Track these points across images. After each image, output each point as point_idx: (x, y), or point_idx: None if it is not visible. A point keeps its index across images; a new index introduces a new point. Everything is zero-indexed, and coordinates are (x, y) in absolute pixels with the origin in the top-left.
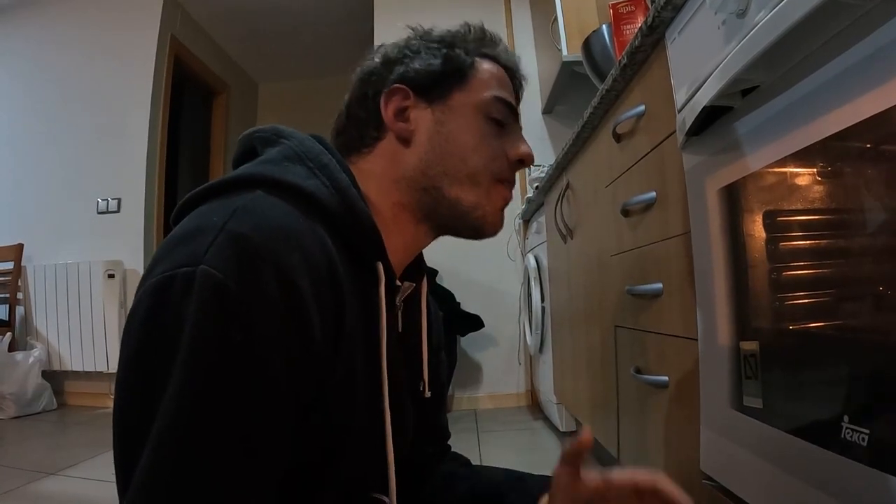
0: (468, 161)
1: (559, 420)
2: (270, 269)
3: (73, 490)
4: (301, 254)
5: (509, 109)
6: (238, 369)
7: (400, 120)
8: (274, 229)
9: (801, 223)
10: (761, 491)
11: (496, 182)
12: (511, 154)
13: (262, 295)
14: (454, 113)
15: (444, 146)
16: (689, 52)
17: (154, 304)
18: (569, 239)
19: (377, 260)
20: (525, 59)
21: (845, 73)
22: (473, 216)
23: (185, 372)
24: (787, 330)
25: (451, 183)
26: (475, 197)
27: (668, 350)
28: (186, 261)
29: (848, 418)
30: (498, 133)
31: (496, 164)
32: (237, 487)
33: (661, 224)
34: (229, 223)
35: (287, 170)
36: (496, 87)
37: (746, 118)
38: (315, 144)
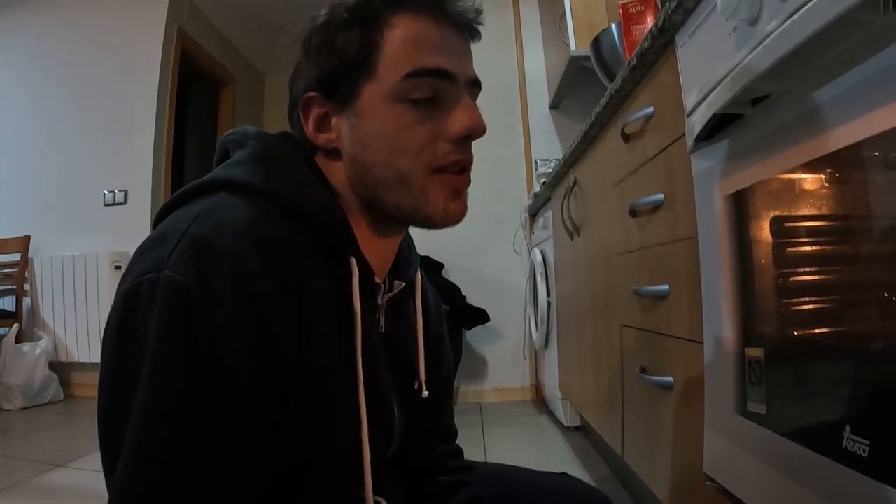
0: (391, 165)
1: (563, 415)
2: (229, 269)
3: (80, 481)
4: (261, 252)
5: (437, 77)
6: (204, 369)
7: (322, 132)
8: (234, 230)
9: (808, 229)
10: (763, 495)
11: (432, 174)
12: (450, 133)
13: (221, 295)
14: (367, 114)
15: (365, 155)
16: (700, 56)
17: (124, 310)
18: (575, 236)
19: (349, 254)
20: (532, 53)
21: (858, 86)
22: (420, 218)
23: (152, 375)
24: (792, 336)
25: (384, 191)
26: (411, 199)
27: (673, 352)
28: (151, 267)
29: (850, 428)
30: (427, 115)
31: (426, 156)
32: (212, 486)
33: (669, 226)
34: (191, 228)
35: (250, 171)
36: (413, 55)
37: (756, 126)
38: (280, 143)
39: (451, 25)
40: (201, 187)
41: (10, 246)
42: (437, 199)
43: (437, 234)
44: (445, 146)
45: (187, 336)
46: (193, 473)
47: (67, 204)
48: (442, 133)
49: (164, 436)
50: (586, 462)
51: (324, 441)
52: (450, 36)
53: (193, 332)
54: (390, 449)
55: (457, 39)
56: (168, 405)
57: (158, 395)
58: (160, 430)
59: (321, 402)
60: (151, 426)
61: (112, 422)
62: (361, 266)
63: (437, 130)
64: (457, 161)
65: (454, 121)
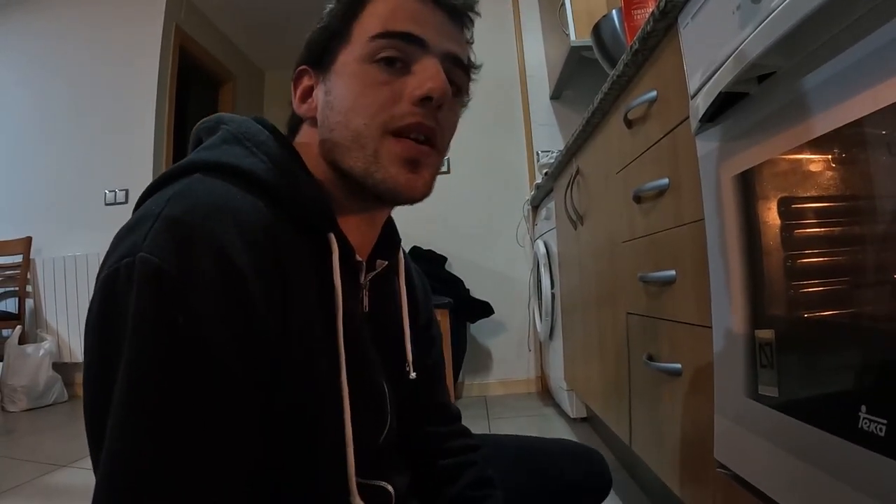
0: (349, 124)
1: (569, 406)
2: (205, 248)
3: (86, 481)
4: (237, 230)
5: (403, 40)
6: (184, 354)
7: (304, 102)
8: (208, 208)
9: (817, 210)
10: (776, 479)
11: (387, 136)
12: (409, 94)
13: (199, 274)
14: (338, 76)
15: (330, 116)
16: (703, 37)
17: (103, 297)
18: (579, 225)
19: (328, 231)
20: (532, 43)
21: (865, 59)
22: (369, 183)
23: (130, 363)
24: (803, 318)
25: (342, 154)
26: (363, 162)
27: (681, 338)
28: (127, 251)
29: (865, 408)
30: (391, 76)
31: (383, 115)
32: (197, 478)
33: (675, 211)
34: (164, 210)
35: (224, 152)
36: (384, 21)
37: (762, 104)
38: (254, 125)
39: (432, 4)
40: (176, 171)
41: (12, 247)
42: (390, 165)
43: (440, 226)
44: (405, 107)
45: (166, 320)
46: (177, 465)
47: (68, 204)
48: (403, 94)
49: (145, 426)
50: None
51: (311, 424)
52: (430, 13)
53: (172, 315)
54: (383, 432)
55: (438, 17)
56: (148, 393)
57: (137, 383)
58: (140, 420)
59: (305, 385)
60: (131, 416)
61: (95, 415)
62: (341, 243)
63: (400, 92)
64: (415, 124)
65: (415, 81)
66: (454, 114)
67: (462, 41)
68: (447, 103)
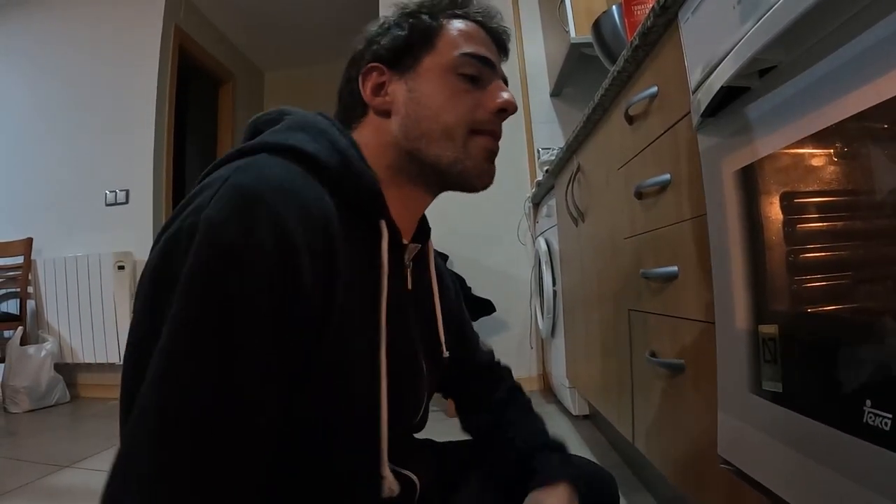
0: (440, 119)
1: (572, 404)
2: (264, 217)
3: (88, 482)
4: (296, 205)
5: (482, 63)
6: (230, 307)
7: (378, 96)
8: (272, 182)
9: (819, 205)
10: (780, 474)
11: (473, 134)
12: (489, 105)
13: (255, 240)
14: (424, 77)
15: (417, 110)
16: (704, 32)
17: (164, 252)
18: (580, 222)
19: (380, 217)
20: (532, 41)
21: (866, 52)
22: (455, 171)
23: (181, 305)
24: (806, 313)
25: (428, 143)
26: (452, 152)
27: (683, 334)
28: (192, 212)
29: (870, 402)
30: (472, 88)
31: (470, 117)
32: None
33: (676, 206)
34: (231, 177)
35: (289, 136)
36: (465, 43)
37: (763, 99)
38: (316, 116)
39: (490, 35)
40: (245, 150)
41: (13, 248)
42: (477, 156)
43: (441, 224)
44: (485, 114)
45: (219, 276)
46: (211, 405)
47: (69, 205)
48: (482, 104)
49: (187, 370)
50: (596, 450)
51: (347, 395)
52: (490, 43)
53: (225, 273)
54: (419, 412)
55: (494, 48)
56: (190, 342)
57: (183, 330)
58: (181, 365)
59: (344, 359)
60: (173, 362)
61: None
62: (391, 229)
63: (479, 101)
64: (492, 129)
65: (494, 96)
66: None
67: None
68: None
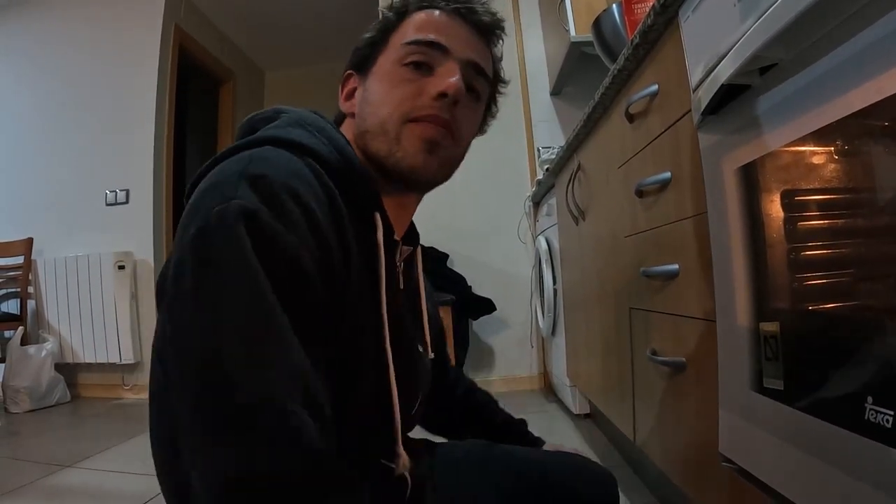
0: (378, 113)
1: (573, 403)
2: (290, 198)
3: (89, 482)
4: (311, 190)
5: (429, 46)
6: (284, 269)
7: (347, 101)
8: (287, 170)
9: (820, 202)
10: (782, 472)
11: (407, 122)
12: (429, 90)
13: (288, 215)
14: (375, 76)
15: (363, 108)
16: (704, 30)
17: (197, 247)
18: (581, 221)
19: (375, 210)
20: (532, 40)
21: (867, 49)
22: (390, 164)
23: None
24: (808, 310)
25: (370, 139)
26: (385, 145)
27: (684, 332)
28: (217, 204)
29: (872, 399)
30: (417, 76)
31: (406, 106)
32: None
33: (677, 204)
34: (248, 169)
35: (289, 132)
36: (413, 32)
37: (764, 96)
38: (313, 115)
39: (461, 20)
40: (248, 143)
41: (13, 248)
42: (409, 145)
43: (441, 223)
44: (425, 101)
45: (263, 248)
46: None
47: (69, 205)
48: (424, 91)
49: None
50: (597, 449)
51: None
52: (457, 26)
53: (268, 246)
54: (416, 402)
55: (464, 30)
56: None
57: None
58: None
59: (357, 337)
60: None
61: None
62: (385, 223)
63: (422, 89)
64: (432, 115)
65: (434, 81)
66: (472, 112)
67: (486, 54)
68: (462, 101)
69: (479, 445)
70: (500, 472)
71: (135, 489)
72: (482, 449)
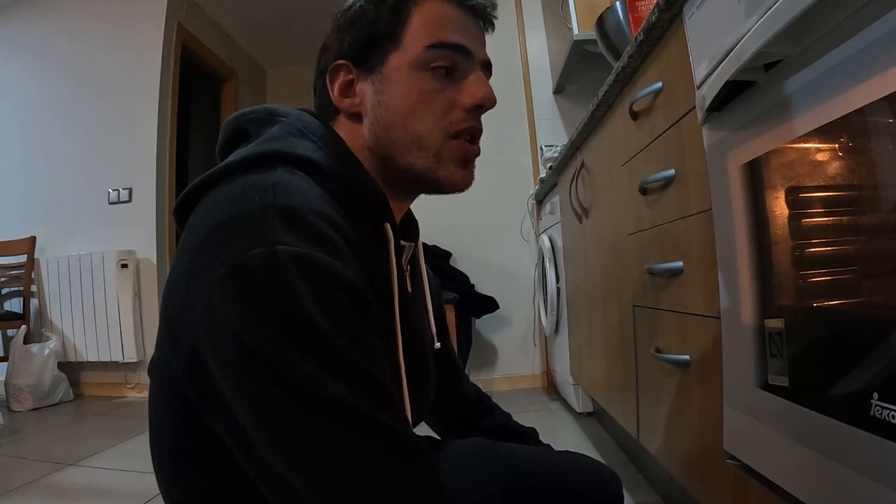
0: (410, 128)
1: (576, 401)
2: (329, 229)
3: (92, 480)
4: (335, 212)
5: (455, 51)
6: (353, 314)
7: (346, 97)
8: (312, 195)
9: (825, 199)
10: (787, 469)
11: (449, 139)
12: (464, 103)
13: (338, 251)
14: (391, 79)
15: (386, 116)
16: (708, 26)
17: (240, 289)
18: (584, 219)
19: (384, 221)
20: (534, 38)
21: (872, 45)
22: (428, 179)
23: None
24: (812, 307)
25: (399, 152)
26: (425, 161)
27: (688, 329)
28: (256, 243)
29: (878, 395)
30: (444, 84)
31: (444, 121)
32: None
33: (681, 202)
34: (278, 201)
35: (295, 145)
36: (435, 31)
37: (769, 93)
38: (311, 119)
39: (469, 12)
40: (252, 161)
41: (16, 247)
42: (451, 164)
43: (444, 221)
44: (460, 114)
45: (332, 295)
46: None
47: (72, 204)
48: (457, 102)
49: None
50: (600, 447)
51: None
52: (468, 21)
53: (335, 291)
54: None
55: (473, 26)
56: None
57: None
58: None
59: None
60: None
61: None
62: (395, 232)
63: (454, 99)
64: (469, 128)
65: (468, 92)
66: None
67: (485, 44)
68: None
69: (483, 444)
70: (503, 470)
71: (138, 487)
72: (486, 447)
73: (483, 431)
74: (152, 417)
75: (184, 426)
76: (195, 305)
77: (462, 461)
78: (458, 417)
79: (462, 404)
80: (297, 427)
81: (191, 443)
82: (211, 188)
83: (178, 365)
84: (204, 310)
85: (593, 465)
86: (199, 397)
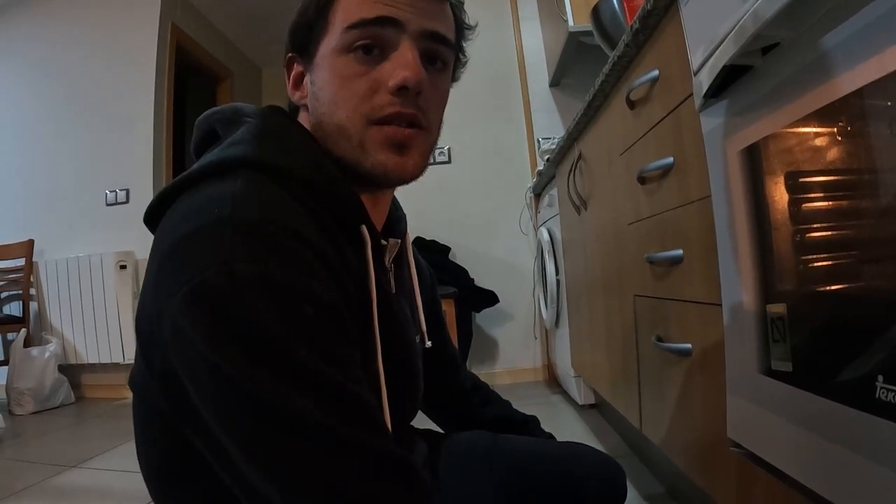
0: (334, 117)
1: (577, 393)
2: (293, 240)
3: (94, 482)
4: (303, 220)
5: (377, 24)
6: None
7: (297, 89)
8: (277, 206)
9: (825, 183)
10: (792, 455)
11: (370, 126)
12: (387, 83)
13: (300, 262)
14: (320, 67)
15: (317, 107)
16: (704, 12)
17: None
18: (583, 210)
19: (360, 223)
20: (530, 31)
21: (870, 26)
22: (361, 171)
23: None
24: (815, 291)
25: (333, 144)
26: (351, 152)
27: (690, 317)
28: (212, 262)
29: (882, 378)
30: (369, 66)
31: (366, 107)
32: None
33: (680, 189)
34: (235, 214)
35: (262, 149)
36: (358, 8)
37: (767, 77)
38: (278, 118)
39: None
40: (214, 169)
41: (14, 251)
42: (376, 152)
43: (442, 216)
44: (384, 97)
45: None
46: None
47: (69, 206)
48: (381, 84)
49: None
50: (603, 439)
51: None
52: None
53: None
54: (415, 412)
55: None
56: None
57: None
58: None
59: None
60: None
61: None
62: (371, 232)
63: (378, 81)
64: (396, 114)
65: (388, 72)
66: (439, 91)
67: (442, 14)
68: (426, 84)
69: (484, 436)
70: (505, 463)
71: (140, 488)
72: (487, 440)
73: (484, 422)
74: (137, 430)
75: (166, 440)
76: (164, 322)
77: (463, 455)
78: (458, 409)
79: (460, 396)
80: (272, 448)
81: (174, 456)
82: (178, 195)
83: (152, 379)
84: (172, 328)
85: (597, 455)
86: (177, 415)
